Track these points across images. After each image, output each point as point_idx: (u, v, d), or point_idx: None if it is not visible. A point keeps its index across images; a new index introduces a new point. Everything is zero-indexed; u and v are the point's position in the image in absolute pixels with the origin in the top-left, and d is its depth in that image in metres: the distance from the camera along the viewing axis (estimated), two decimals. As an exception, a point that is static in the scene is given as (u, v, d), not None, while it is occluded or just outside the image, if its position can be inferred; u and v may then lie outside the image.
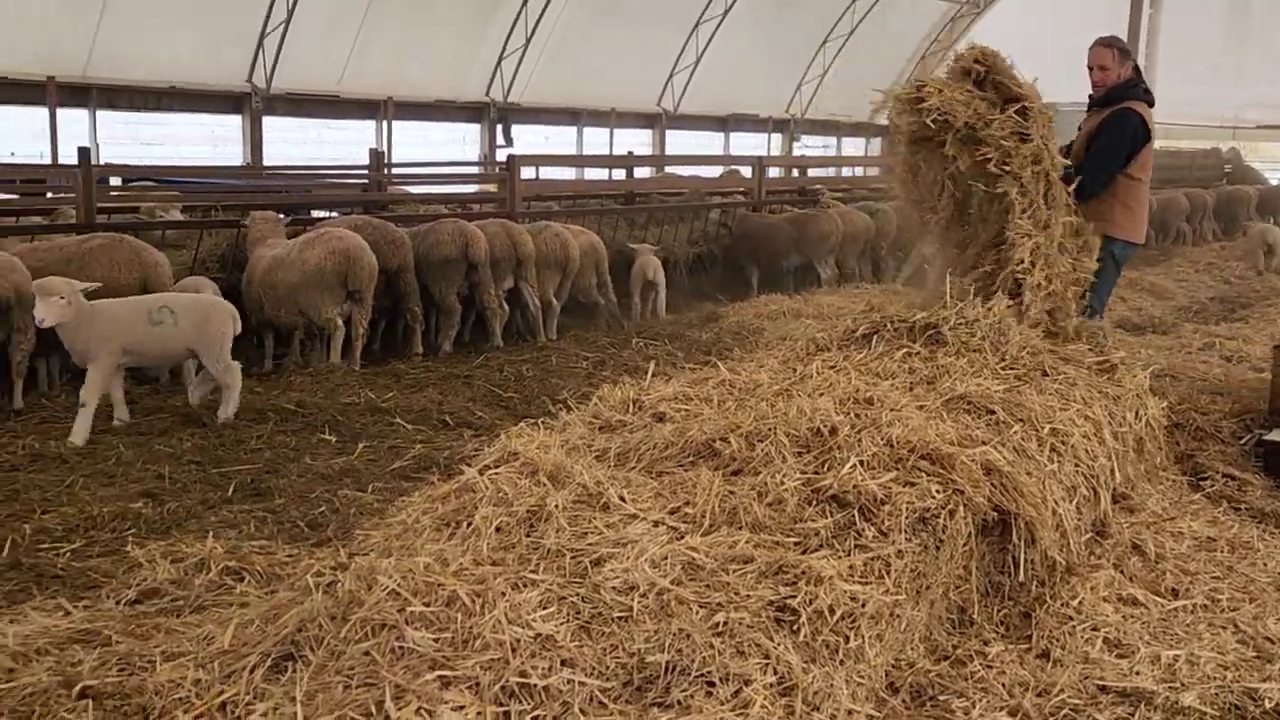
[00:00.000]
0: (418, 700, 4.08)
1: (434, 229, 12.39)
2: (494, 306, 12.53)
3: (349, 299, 11.14)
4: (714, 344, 12.21)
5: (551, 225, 13.49)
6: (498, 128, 31.52)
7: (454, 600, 4.62)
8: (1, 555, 6.17)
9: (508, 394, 10.26)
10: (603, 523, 5.24)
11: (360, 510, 7.08)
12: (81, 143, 19.57)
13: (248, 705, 4.39)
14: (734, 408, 6.59)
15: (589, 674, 4.28)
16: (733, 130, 38.42)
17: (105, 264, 9.96)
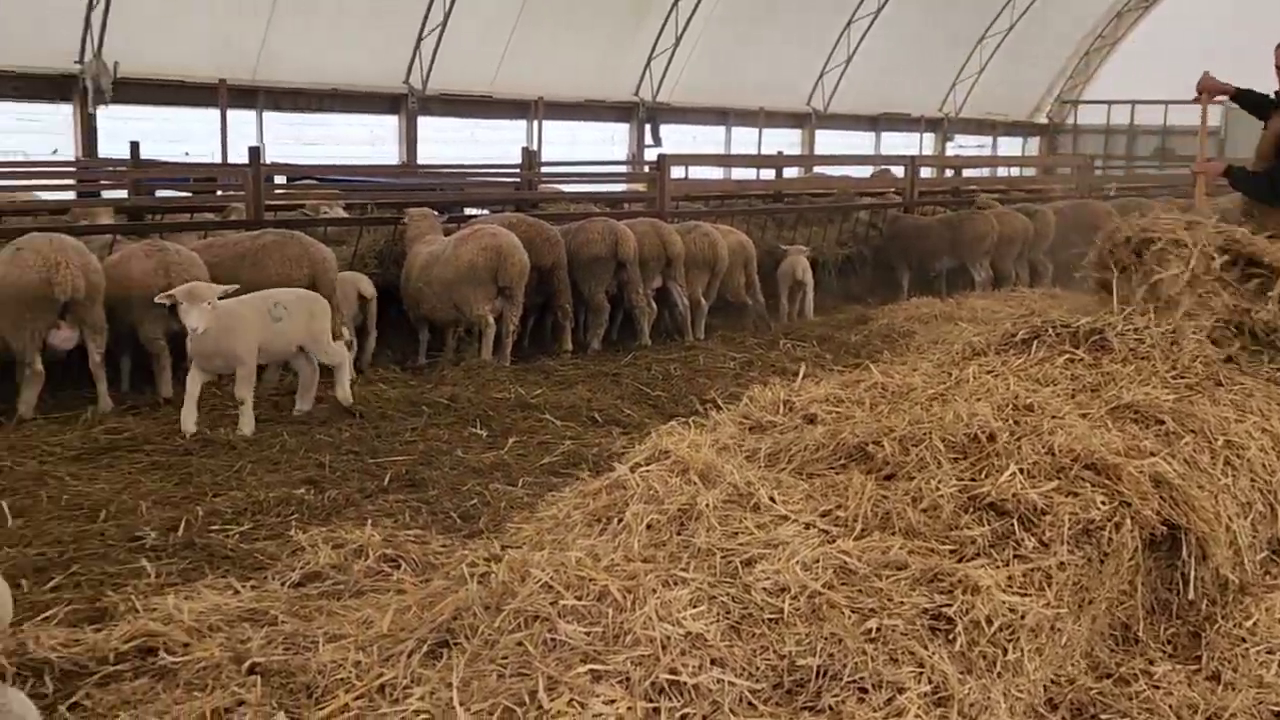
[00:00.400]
0: (570, 692, 4.12)
1: (584, 227, 12.52)
2: (642, 305, 12.60)
3: (500, 295, 11.33)
4: (863, 346, 12.06)
5: (701, 225, 13.50)
6: (646, 127, 31.70)
7: (605, 595, 4.66)
8: (177, 535, 6.46)
9: (655, 392, 10.31)
10: (753, 523, 5.22)
11: (511, 504, 7.20)
12: (249, 143, 20.35)
13: (405, 689, 4.50)
14: (887, 411, 6.48)
15: (739, 674, 4.27)
16: (884, 130, 37.89)
17: (277, 260, 10.32)
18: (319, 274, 10.42)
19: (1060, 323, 7.50)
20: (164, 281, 9.53)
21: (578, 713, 4.02)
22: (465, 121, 29.51)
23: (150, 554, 6.27)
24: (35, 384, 9.13)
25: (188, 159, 23.23)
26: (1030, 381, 6.74)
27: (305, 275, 10.33)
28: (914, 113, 38.08)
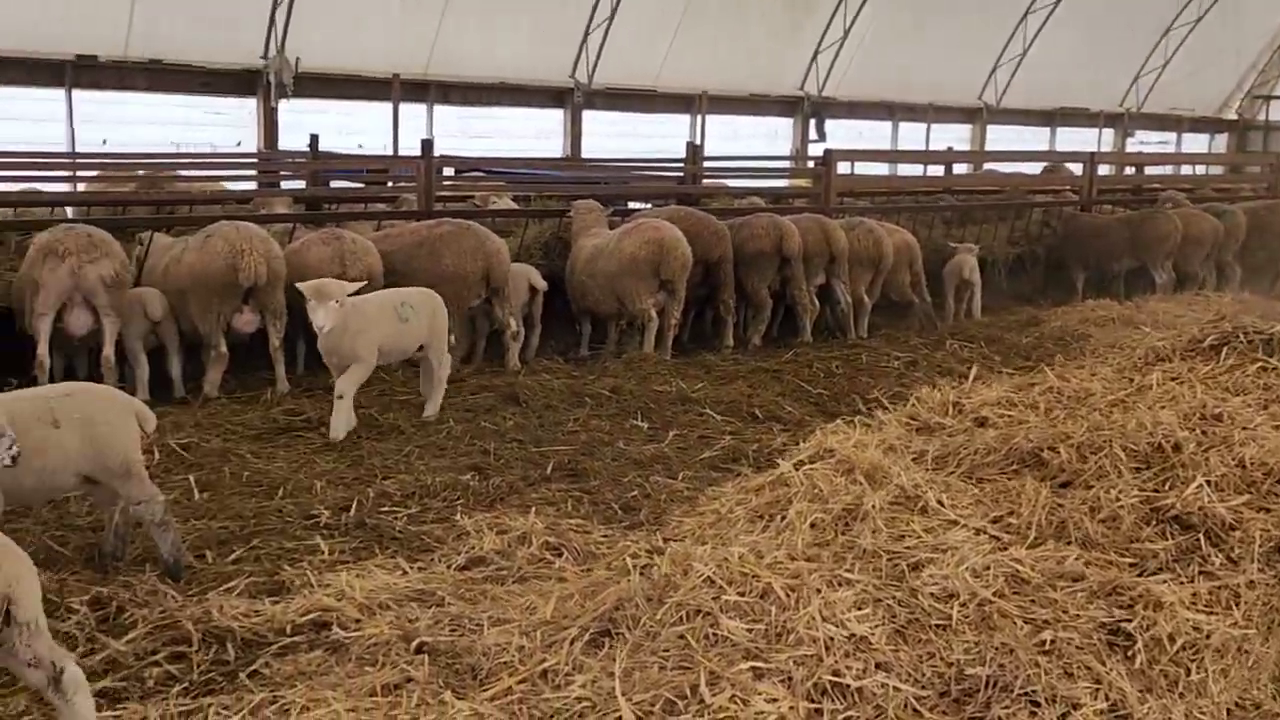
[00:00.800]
0: (731, 688, 4.11)
1: (748, 223, 12.46)
2: (805, 302, 12.47)
3: (662, 289, 11.35)
4: (1034, 349, 11.68)
5: (865, 221, 13.29)
6: (811, 122, 31.39)
7: (768, 593, 4.64)
8: (349, 514, 6.68)
9: (817, 390, 10.19)
10: (921, 526, 5.12)
11: (671, 497, 7.21)
12: (420, 135, 20.88)
13: (567, 675, 4.55)
14: (1063, 416, 6.28)
15: (904, 679, 4.19)
16: (1059, 125, 36.64)
17: (454, 250, 10.53)
18: (493, 265, 10.59)
19: (1253, 329, 7.12)
20: (339, 269, 9.87)
21: (739, 709, 4.01)
22: (629, 115, 29.71)
23: (324, 532, 6.48)
24: (219, 365, 9.54)
25: (361, 151, 24.00)
26: (1219, 390, 6.43)
27: (480, 266, 10.50)
28: (1092, 108, 36.70)
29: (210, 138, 23.80)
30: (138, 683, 4.70)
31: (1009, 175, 20.96)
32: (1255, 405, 6.19)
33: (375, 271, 10.17)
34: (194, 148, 22.46)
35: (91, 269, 8.83)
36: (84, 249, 8.84)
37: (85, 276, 8.82)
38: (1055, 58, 33.49)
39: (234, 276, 9.32)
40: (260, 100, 24.13)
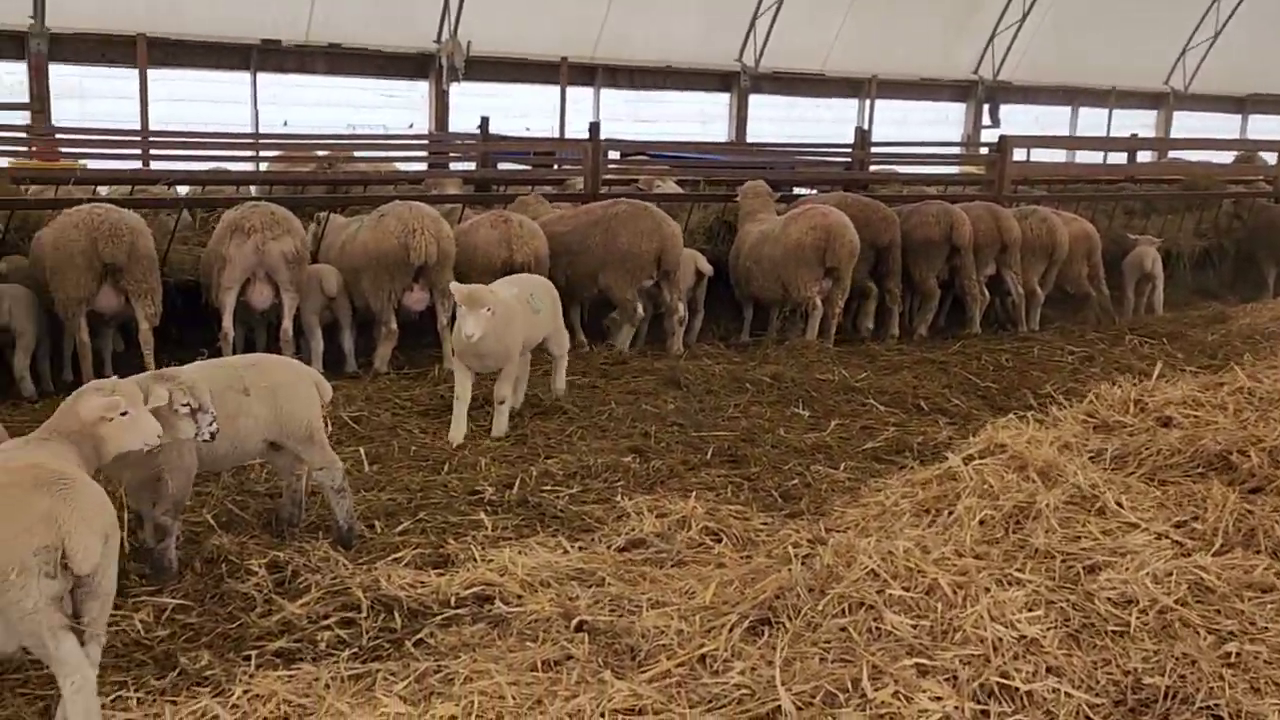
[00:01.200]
0: (894, 684, 4.02)
1: (917, 210, 12.18)
2: (974, 292, 12.14)
3: (827, 276, 11.18)
4: (1220, 347, 11.11)
5: (1039, 210, 12.85)
6: (984, 107, 30.56)
7: (934, 589, 4.52)
8: (512, 492, 6.78)
9: (985, 383, 9.90)
10: (1098, 528, 4.93)
11: (832, 486, 7.10)
12: (585, 119, 21.10)
13: (726, 661, 4.53)
14: (1255, 419, 5.95)
15: (1076, 685, 4.04)
16: (1252, 112, 34.82)
17: (630, 230, 10.55)
18: (667, 248, 10.56)
19: None
20: (505, 252, 10.05)
21: (903, 706, 3.92)
22: (795, 100, 29.45)
23: (488, 508, 6.60)
24: (390, 341, 9.82)
25: (529, 134, 24.38)
26: None
27: (654, 247, 10.48)
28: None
29: (384, 119, 24.54)
30: (310, 645, 4.87)
31: (1196, 164, 19.99)
32: None
33: (541, 255, 10.30)
34: (368, 129, 23.20)
35: (275, 245, 9.19)
36: (268, 226, 9.21)
37: (269, 252, 9.18)
38: (1249, 40, 31.79)
39: (406, 255, 9.57)
40: (432, 83, 24.76)
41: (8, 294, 8.86)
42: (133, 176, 12.38)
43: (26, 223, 10.14)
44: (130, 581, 5.41)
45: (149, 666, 4.66)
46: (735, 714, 4.12)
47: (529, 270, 9.87)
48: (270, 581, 5.46)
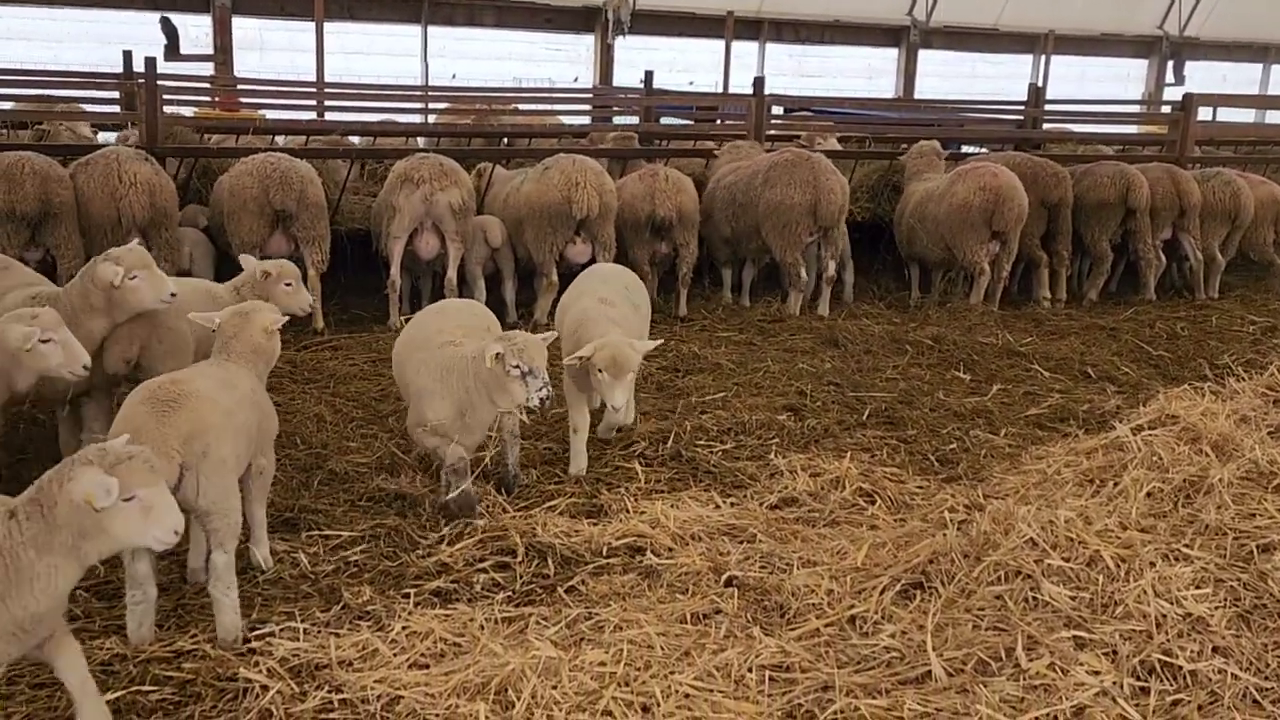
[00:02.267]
0: (1050, 655, 3.96)
1: (1091, 170, 11.73)
2: (1150, 256, 11.65)
3: (994, 239, 10.86)
4: None
5: (1223, 172, 12.21)
6: (1168, 64, 29.13)
7: (1096, 561, 4.42)
8: (665, 446, 6.84)
9: (1158, 351, 9.53)
10: (1275, 506, 4.72)
11: (991, 452, 6.96)
12: (750, 74, 20.86)
13: (875, 623, 4.52)
14: None
15: (1244, 668, 3.90)
16: None
17: (784, 180, 10.44)
18: (821, 199, 10.36)
19: None
20: (650, 207, 10.12)
21: (1058, 678, 3.86)
22: (967, 55, 28.55)
23: (641, 460, 6.67)
24: (550, 293, 9.97)
25: (692, 88, 24.26)
26: None
27: (808, 199, 10.34)
28: None
29: (549, 73, 24.73)
30: (466, 586, 5.04)
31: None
32: None
33: (687, 210, 10.34)
34: (534, 83, 23.43)
35: (442, 196, 9.42)
36: (436, 177, 9.44)
37: (436, 203, 9.42)
38: None
39: (568, 208, 9.70)
40: (598, 37, 24.83)
41: (188, 238, 9.31)
42: (307, 127, 12.80)
43: (209, 171, 10.61)
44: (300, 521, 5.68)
45: (314, 599, 4.89)
46: (883, 676, 4.12)
47: (672, 225, 9.97)
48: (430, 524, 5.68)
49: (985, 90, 26.51)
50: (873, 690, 3.99)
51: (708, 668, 4.20)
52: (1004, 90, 24.99)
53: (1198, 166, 12.84)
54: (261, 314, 5.09)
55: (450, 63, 23.73)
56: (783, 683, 4.16)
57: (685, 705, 3.97)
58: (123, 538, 3.53)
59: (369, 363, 8.61)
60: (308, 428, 7.02)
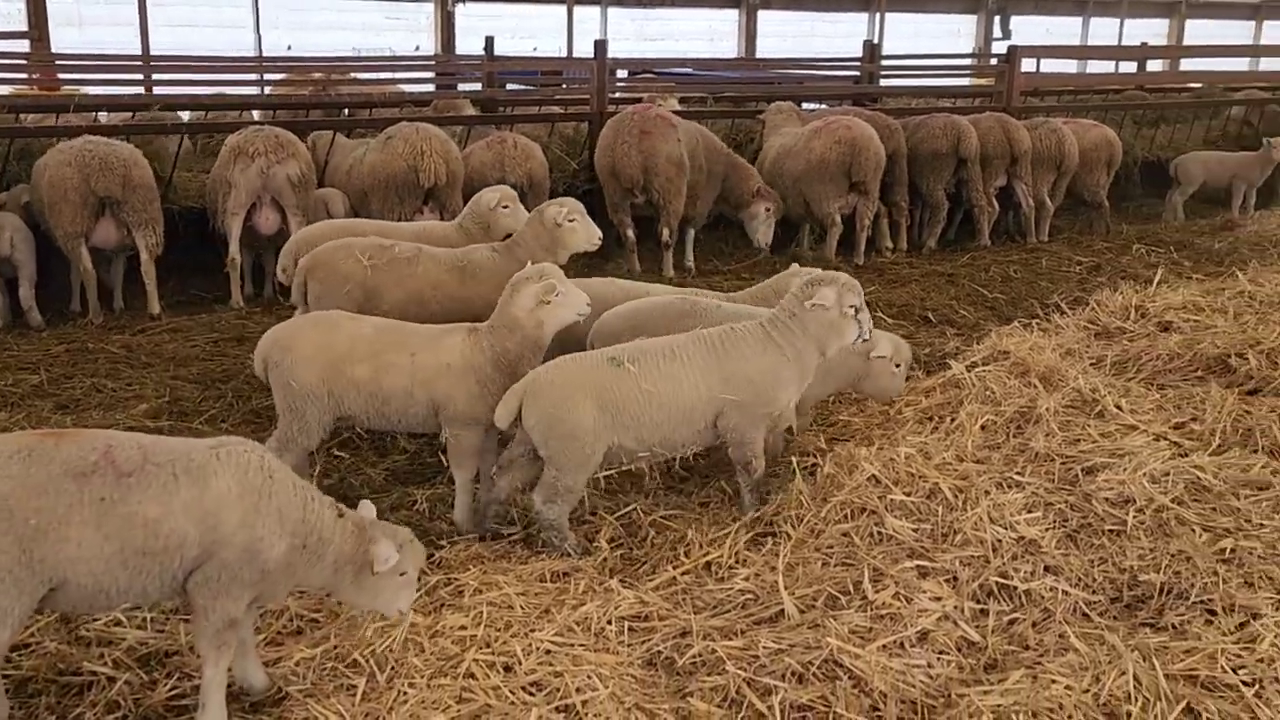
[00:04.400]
0: (895, 585, 4.12)
1: (924, 122, 12.07)
2: (983, 204, 12.06)
3: (853, 190, 11.05)
4: (1228, 254, 11.09)
5: (1050, 121, 12.69)
6: (995, 19, 30.09)
7: (935, 493, 4.61)
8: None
9: (993, 294, 9.92)
10: (1097, 431, 4.99)
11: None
12: (593, 38, 20.83)
13: (730, 568, 4.63)
14: (1254, 322, 5.99)
15: (1074, 584, 4.13)
16: (1267, 19, 34.21)
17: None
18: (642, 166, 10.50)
19: None
20: (499, 174, 10.03)
21: (902, 606, 4.02)
22: (805, 15, 29.02)
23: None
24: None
25: (536, 54, 24.12)
26: None
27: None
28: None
29: (389, 42, 24.27)
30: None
31: (1206, 73, 19.71)
32: None
33: (537, 176, 10.29)
34: (373, 53, 22.96)
35: (279, 169, 9.19)
36: (272, 149, 9.19)
37: (274, 176, 9.18)
38: (1265, -56, 31.16)
39: (415, 177, 9.55)
40: (438, 4, 24.45)
41: (8, 225, 8.81)
42: (131, 102, 12.31)
43: (28, 151, 10.11)
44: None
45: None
46: (739, 618, 4.23)
47: (523, 191, 9.89)
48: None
49: (824, 49, 26.97)
50: (729, 632, 4.10)
51: (568, 623, 4.24)
52: (843, 49, 25.44)
53: (1028, 115, 13.32)
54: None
55: (286, 34, 23.09)
56: (642, 631, 4.23)
57: (546, 661, 4.01)
58: (379, 599, 3.93)
59: (210, 343, 8.37)
60: (146, 412, 6.80)
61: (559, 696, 3.79)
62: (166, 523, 3.49)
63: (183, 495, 3.53)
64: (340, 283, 6.32)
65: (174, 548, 3.52)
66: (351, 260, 6.37)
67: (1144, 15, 32.44)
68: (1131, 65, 20.44)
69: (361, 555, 3.84)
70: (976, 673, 3.75)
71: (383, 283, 6.36)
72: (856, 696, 3.61)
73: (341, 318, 5.34)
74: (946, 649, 3.83)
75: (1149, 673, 3.64)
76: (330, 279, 6.35)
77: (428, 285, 6.40)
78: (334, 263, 6.40)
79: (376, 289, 6.35)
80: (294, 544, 3.71)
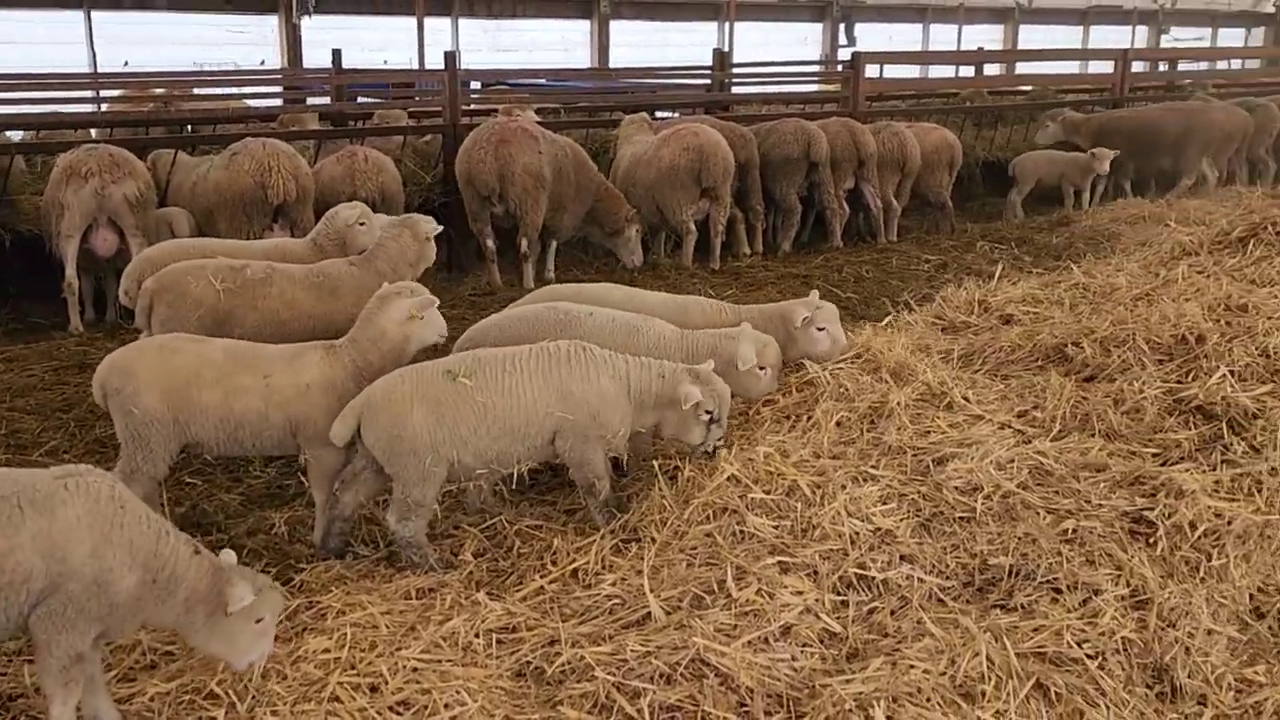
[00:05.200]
0: (758, 582, 4.19)
1: (775, 128, 12.30)
2: (834, 206, 12.36)
3: (704, 196, 11.18)
4: (1065, 249, 11.57)
5: (892, 125, 13.07)
6: (840, 27, 30.87)
7: (794, 490, 4.69)
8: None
9: (847, 294, 10.16)
10: (946, 422, 5.15)
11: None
12: (445, 49, 20.70)
13: (597, 574, 4.65)
14: (1088, 312, 6.26)
15: (929, 571, 4.25)
16: (1093, 24, 35.86)
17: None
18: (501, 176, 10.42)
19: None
20: (350, 189, 9.88)
21: (765, 602, 4.08)
22: (656, 25, 29.34)
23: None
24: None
25: (387, 66, 23.84)
26: (1245, 282, 6.38)
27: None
28: (1126, 4, 35.87)
29: (233, 57, 23.72)
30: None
31: (1040, 75, 20.54)
32: (1283, 295, 6.15)
33: (390, 190, 10.17)
34: (217, 67, 22.39)
35: (115, 189, 8.88)
36: (107, 169, 8.88)
37: (109, 197, 8.88)
38: (1089, -46, 32.67)
39: (263, 194, 9.34)
40: (282, 17, 23.98)
41: None
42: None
43: None
44: None
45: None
46: (607, 623, 4.24)
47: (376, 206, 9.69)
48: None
49: (677, 58, 27.28)
50: (597, 638, 4.11)
51: (434, 639, 4.20)
52: (695, 57, 25.76)
53: (873, 119, 13.68)
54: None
55: (124, 49, 22.35)
56: (510, 643, 4.21)
57: (414, 679, 3.96)
58: (232, 646, 3.79)
59: (49, 372, 8.03)
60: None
61: (427, 714, 3.75)
62: (12, 556, 3.36)
63: (29, 527, 3.39)
64: (191, 307, 6.13)
65: (19, 582, 3.38)
66: (202, 283, 6.17)
67: (980, 22, 33.67)
68: (970, 69, 21.16)
69: (215, 596, 3.71)
70: (839, 663, 3.84)
71: (236, 306, 6.18)
72: (724, 694, 3.66)
73: (185, 340, 5.18)
74: (809, 641, 3.91)
75: (1001, 652, 3.78)
76: (179, 303, 6.15)
77: (283, 305, 6.26)
78: (183, 286, 6.20)
79: (231, 313, 6.16)
80: (144, 578, 3.59)
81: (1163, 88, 19.87)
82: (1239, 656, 4.05)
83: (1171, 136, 14.61)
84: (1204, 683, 3.88)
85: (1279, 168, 16.36)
